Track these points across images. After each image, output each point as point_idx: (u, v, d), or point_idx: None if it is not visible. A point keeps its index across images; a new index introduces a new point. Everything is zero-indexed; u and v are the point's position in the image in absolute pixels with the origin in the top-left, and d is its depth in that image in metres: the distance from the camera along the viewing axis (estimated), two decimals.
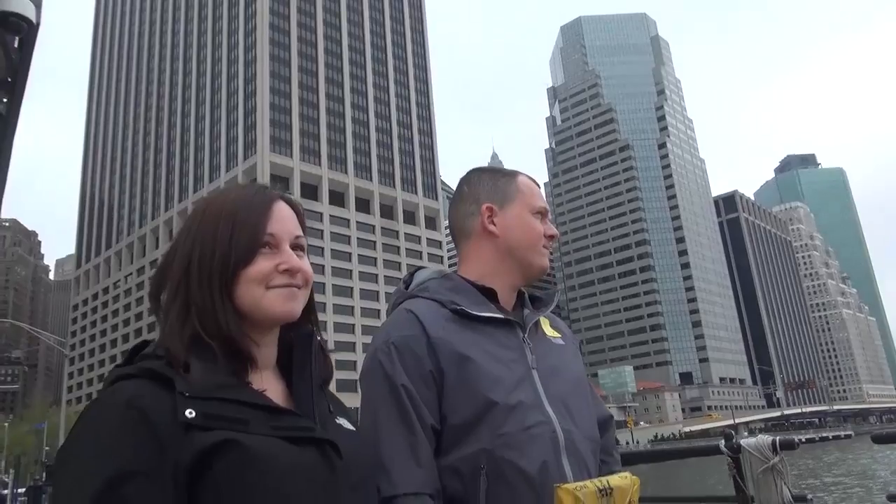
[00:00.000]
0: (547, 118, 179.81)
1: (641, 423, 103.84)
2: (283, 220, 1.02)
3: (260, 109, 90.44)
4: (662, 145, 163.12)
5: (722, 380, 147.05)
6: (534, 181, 1.49)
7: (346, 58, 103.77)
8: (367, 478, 1.03)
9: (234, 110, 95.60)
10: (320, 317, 1.08)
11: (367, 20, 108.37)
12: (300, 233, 1.05)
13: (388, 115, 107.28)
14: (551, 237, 1.44)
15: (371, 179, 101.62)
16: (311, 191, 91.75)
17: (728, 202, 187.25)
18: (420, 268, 1.49)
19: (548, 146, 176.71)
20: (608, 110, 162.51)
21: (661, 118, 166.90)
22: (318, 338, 1.08)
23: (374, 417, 1.22)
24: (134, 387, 0.87)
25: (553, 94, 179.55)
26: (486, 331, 1.30)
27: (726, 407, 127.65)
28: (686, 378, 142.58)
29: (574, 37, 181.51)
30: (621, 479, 1.23)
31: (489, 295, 1.37)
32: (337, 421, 1.03)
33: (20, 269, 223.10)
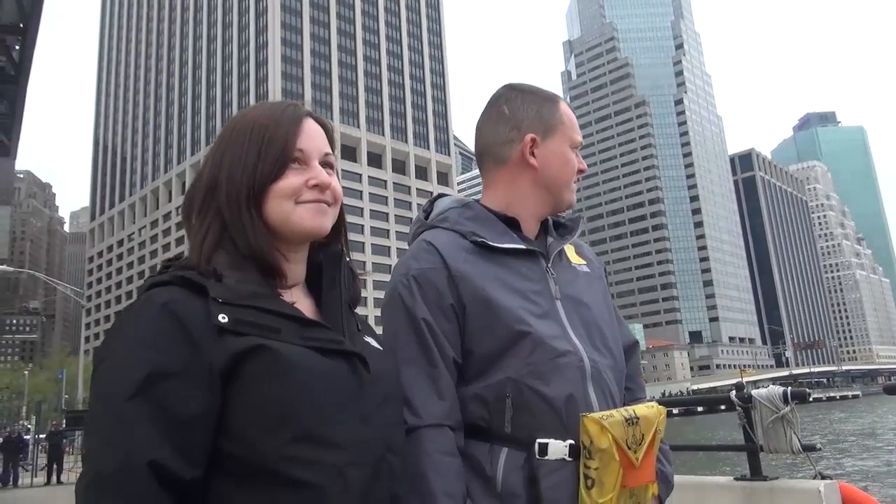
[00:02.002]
0: (562, 73, 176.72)
1: (650, 380, 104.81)
2: (312, 136, 1.03)
3: (271, 61, 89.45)
4: (679, 101, 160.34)
5: (731, 339, 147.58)
6: (571, 110, 1.44)
7: (359, 9, 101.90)
8: (394, 395, 1.05)
9: (245, 61, 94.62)
10: None
11: None
12: (329, 150, 1.05)
13: (400, 68, 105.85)
14: (581, 171, 1.41)
15: (383, 134, 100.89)
16: None
17: (744, 160, 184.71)
18: (441, 195, 1.46)
19: None
20: (625, 65, 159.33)
21: (679, 73, 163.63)
22: (348, 258, 1.09)
23: (395, 350, 1.19)
24: (168, 292, 0.88)
25: (569, 47, 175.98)
26: (508, 262, 1.28)
27: (735, 366, 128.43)
28: (696, 337, 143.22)
29: None
30: (647, 409, 1.23)
31: (512, 224, 1.34)
32: (365, 339, 1.05)
33: (35, 220, 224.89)
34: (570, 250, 1.41)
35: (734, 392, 4.06)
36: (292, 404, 0.87)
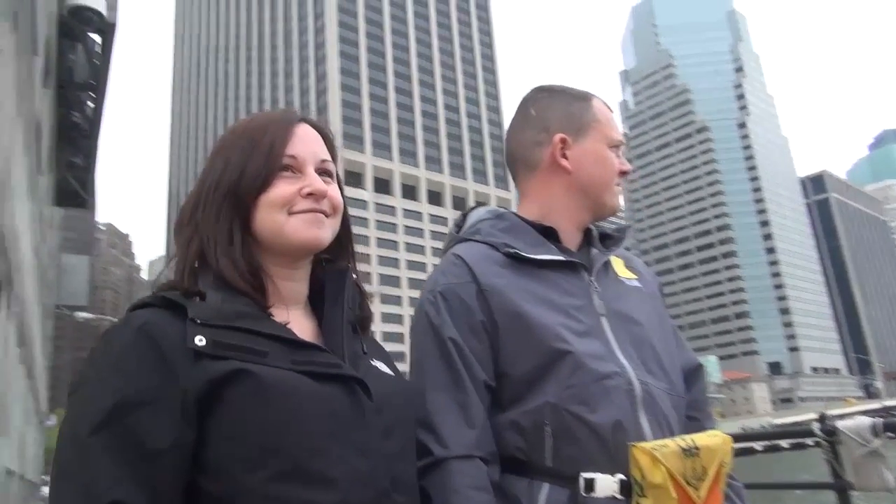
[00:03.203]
0: (619, 103, 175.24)
1: (729, 415, 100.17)
2: (307, 141, 0.96)
3: (332, 106, 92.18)
4: (742, 125, 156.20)
5: (814, 369, 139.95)
6: (608, 107, 1.33)
7: (414, 50, 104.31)
8: (404, 424, 0.95)
9: (305, 108, 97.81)
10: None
11: (433, 11, 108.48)
12: (328, 157, 0.98)
13: (456, 105, 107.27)
14: (624, 173, 1.29)
15: (442, 172, 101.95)
16: (383, 185, 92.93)
17: (816, 182, 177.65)
18: (475, 207, 1.36)
19: (621, 132, 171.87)
20: (683, 91, 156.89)
21: (741, 97, 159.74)
22: (354, 275, 1.02)
23: (421, 374, 1.11)
24: (147, 314, 0.83)
25: (625, 77, 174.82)
26: (545, 275, 1.18)
27: (820, 398, 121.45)
28: (775, 368, 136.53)
29: (645, 17, 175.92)
30: (710, 437, 1.09)
31: (550, 235, 1.23)
32: (372, 363, 0.97)
33: (116, 269, 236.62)
34: (617, 263, 1.29)
35: (817, 424, 3.72)
36: (278, 435, 0.79)
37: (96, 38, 9.73)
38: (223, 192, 0.91)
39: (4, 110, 3.87)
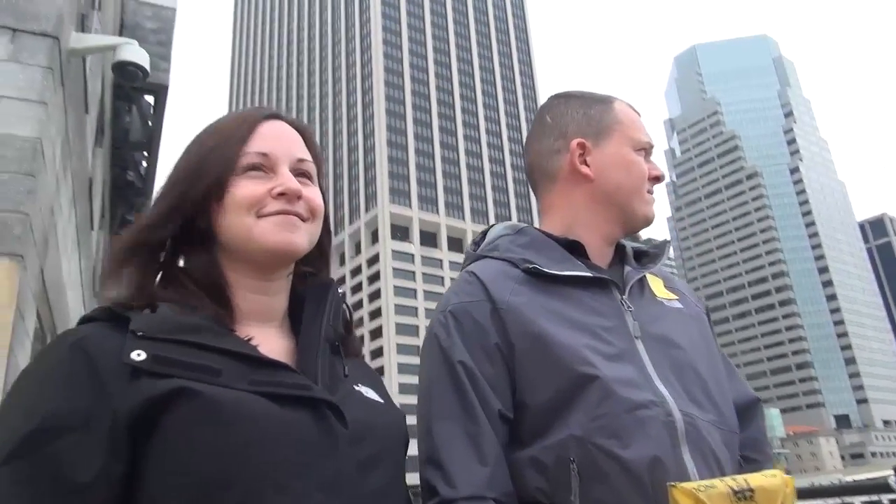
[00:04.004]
0: (665, 151, 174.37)
1: (795, 471, 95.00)
2: (278, 138, 0.87)
3: (379, 163, 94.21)
4: (795, 170, 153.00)
5: (886, 423, 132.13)
6: (634, 109, 1.23)
7: (458, 106, 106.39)
8: (388, 457, 0.82)
9: (355, 165, 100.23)
10: None
11: (476, 69, 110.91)
12: (305, 156, 0.88)
13: (501, 159, 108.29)
14: (656, 179, 1.18)
15: (487, 224, 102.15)
16: (430, 238, 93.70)
17: (876, 226, 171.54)
18: (494, 224, 1.26)
19: (668, 180, 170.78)
20: (731, 137, 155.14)
21: (791, 142, 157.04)
22: (340, 290, 0.91)
23: (428, 403, 1.01)
24: (87, 329, 0.73)
25: (670, 126, 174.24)
26: (569, 294, 1.06)
27: (894, 454, 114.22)
28: (843, 421, 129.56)
29: (689, 66, 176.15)
30: (768, 478, 0.95)
31: (576, 250, 1.13)
32: (355, 387, 0.86)
33: None
34: (655, 283, 1.17)
35: (894, 479, 3.39)
36: (228, 467, 0.67)
37: (149, 98, 10.12)
38: (180, 194, 0.83)
39: (50, 165, 3.97)
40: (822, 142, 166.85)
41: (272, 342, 0.82)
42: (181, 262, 0.84)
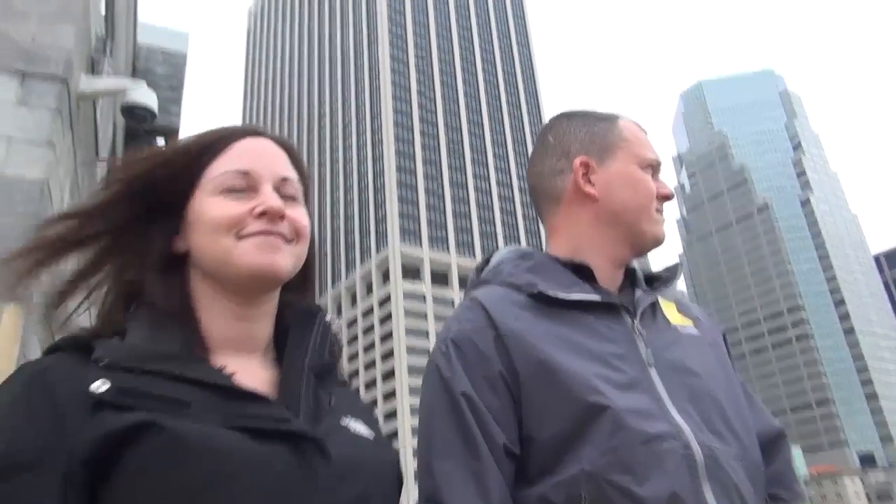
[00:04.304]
0: (675, 187, 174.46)
1: None
2: (260, 155, 0.81)
3: (389, 202, 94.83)
4: (806, 202, 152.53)
5: None
6: (642, 127, 1.19)
7: (467, 144, 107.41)
8: (377, 498, 0.75)
9: (365, 205, 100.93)
10: None
11: (484, 105, 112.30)
12: (290, 175, 0.83)
13: (511, 196, 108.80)
14: (665, 197, 1.14)
15: None
16: (441, 278, 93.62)
17: (891, 258, 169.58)
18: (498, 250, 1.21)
19: (678, 216, 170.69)
20: (741, 171, 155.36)
21: (801, 174, 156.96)
22: (327, 317, 0.85)
23: (428, 438, 0.96)
24: (51, 359, 0.68)
25: (679, 161, 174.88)
26: (577, 319, 1.01)
27: None
28: (867, 460, 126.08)
29: (696, 101, 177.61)
30: None
31: (584, 274, 1.08)
32: (342, 422, 0.78)
33: None
34: (669, 307, 1.12)
35: None
36: None
37: (161, 142, 10.21)
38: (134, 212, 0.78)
39: (58, 207, 3.93)
40: (833, 174, 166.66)
41: (253, 372, 0.76)
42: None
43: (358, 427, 0.79)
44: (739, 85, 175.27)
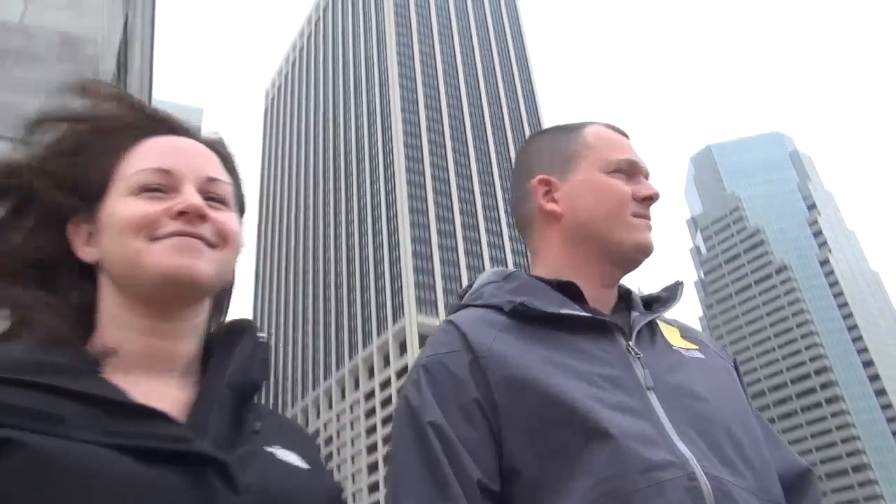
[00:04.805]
0: (691, 249, 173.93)
1: None
2: (183, 153, 0.73)
3: (404, 273, 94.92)
4: (825, 262, 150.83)
5: None
6: (617, 129, 1.10)
7: (481, 215, 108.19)
8: None
9: (381, 277, 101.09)
10: None
11: (496, 178, 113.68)
12: (219, 176, 0.75)
13: (526, 265, 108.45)
14: (646, 199, 1.03)
15: None
16: None
17: None
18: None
19: (696, 278, 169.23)
20: (756, 232, 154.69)
21: (818, 234, 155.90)
22: (260, 335, 0.76)
23: (394, 474, 0.86)
24: None
25: (693, 224, 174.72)
26: (565, 339, 0.92)
27: None
28: None
29: (706, 164, 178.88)
30: None
31: (572, 294, 0.98)
32: (268, 449, 0.69)
33: None
34: (671, 332, 1.03)
35: None
36: None
37: None
38: (43, 209, 0.71)
39: None
40: (850, 233, 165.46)
41: (165, 393, 0.67)
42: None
43: (288, 456, 0.70)
44: (749, 147, 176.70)
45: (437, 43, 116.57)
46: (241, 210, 0.77)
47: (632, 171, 1.04)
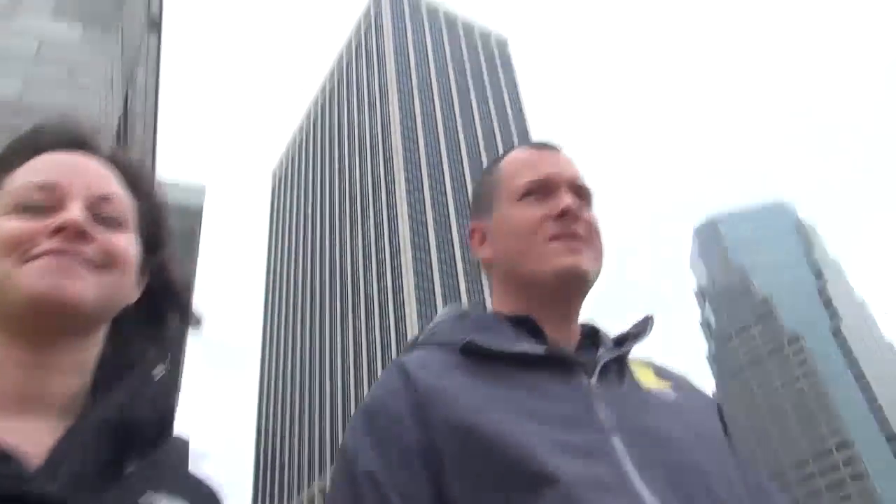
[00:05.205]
0: (700, 322, 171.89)
1: None
2: (72, 168, 0.66)
3: (409, 331, 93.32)
4: (837, 332, 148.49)
5: None
6: (535, 145, 1.03)
7: (487, 292, 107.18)
8: None
9: (386, 349, 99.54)
10: None
11: None
12: (113, 193, 0.68)
13: None
14: (560, 214, 0.92)
15: None
16: None
17: None
18: None
19: (707, 353, 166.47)
20: (765, 302, 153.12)
21: (828, 303, 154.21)
22: (159, 369, 0.68)
23: None
24: None
25: (701, 295, 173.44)
26: (520, 377, 0.85)
27: None
28: None
29: (710, 236, 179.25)
30: None
31: (530, 327, 0.92)
32: (143, 497, 0.61)
33: None
34: (643, 371, 0.96)
35: None
36: None
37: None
38: None
39: None
40: (860, 301, 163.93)
41: (32, 432, 0.59)
42: None
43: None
44: (752, 218, 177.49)
45: (441, 126, 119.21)
46: (151, 231, 0.69)
47: (545, 188, 0.95)
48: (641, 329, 0.96)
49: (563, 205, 0.92)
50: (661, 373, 0.97)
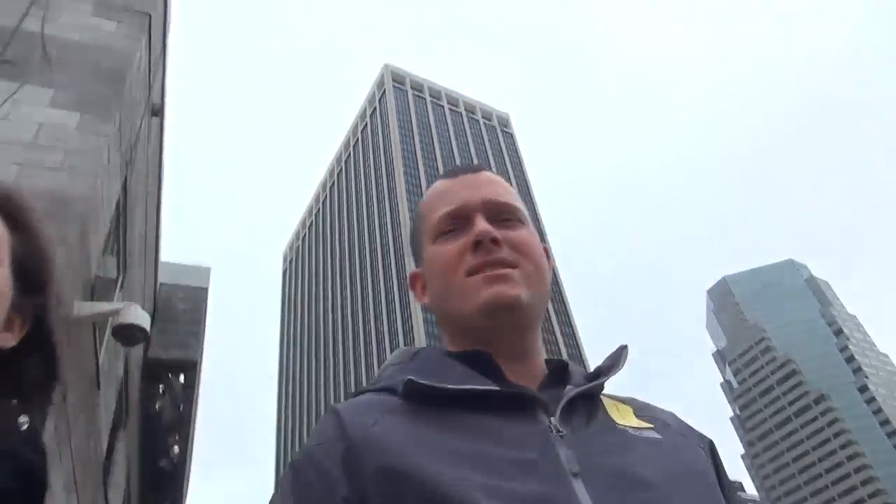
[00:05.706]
0: (721, 384, 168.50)
1: None
2: None
3: None
4: (863, 388, 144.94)
5: None
6: (450, 173, 0.97)
7: None
8: None
9: None
10: None
11: None
12: None
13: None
14: (475, 245, 0.86)
15: None
16: None
17: None
18: None
19: (731, 414, 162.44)
20: (787, 362, 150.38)
21: (850, 359, 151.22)
22: (24, 419, 0.64)
23: None
24: None
25: (720, 357, 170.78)
26: (468, 420, 0.75)
27: None
28: None
29: (723, 296, 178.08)
30: None
31: (485, 366, 0.82)
32: None
33: None
34: (621, 410, 0.85)
35: None
36: None
37: (181, 377, 10.02)
38: None
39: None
40: (883, 356, 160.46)
41: None
42: None
43: None
44: (764, 277, 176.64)
45: None
46: (28, 268, 0.64)
47: (461, 217, 0.89)
48: (614, 361, 0.88)
49: (476, 232, 0.85)
50: (642, 410, 0.87)
